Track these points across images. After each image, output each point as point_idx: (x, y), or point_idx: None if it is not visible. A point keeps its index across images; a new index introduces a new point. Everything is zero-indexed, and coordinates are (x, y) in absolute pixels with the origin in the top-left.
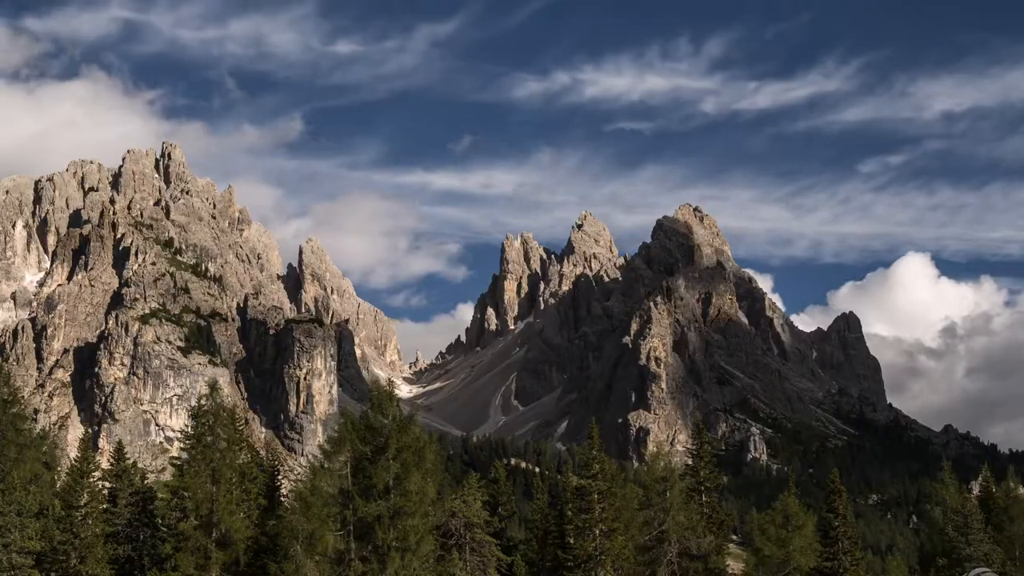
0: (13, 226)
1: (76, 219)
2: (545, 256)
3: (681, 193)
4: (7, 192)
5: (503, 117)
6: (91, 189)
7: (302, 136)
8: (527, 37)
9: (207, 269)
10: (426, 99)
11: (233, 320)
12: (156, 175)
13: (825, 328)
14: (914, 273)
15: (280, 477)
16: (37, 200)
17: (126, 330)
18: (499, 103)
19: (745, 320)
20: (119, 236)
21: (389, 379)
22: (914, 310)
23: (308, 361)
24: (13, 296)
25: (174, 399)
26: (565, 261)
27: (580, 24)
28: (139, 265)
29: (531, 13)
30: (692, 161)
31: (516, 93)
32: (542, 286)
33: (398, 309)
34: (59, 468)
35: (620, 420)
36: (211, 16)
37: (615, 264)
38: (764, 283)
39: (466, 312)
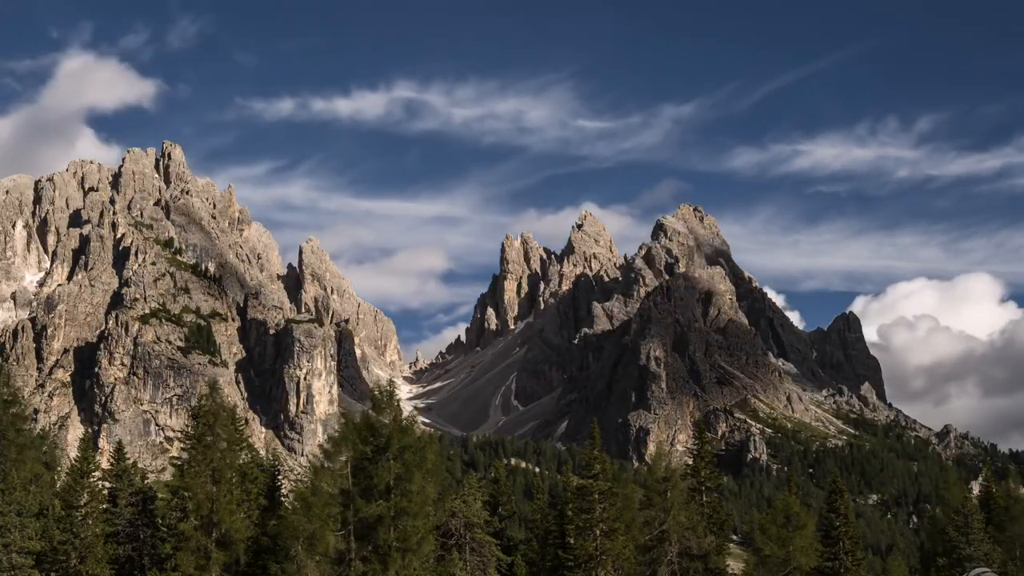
0: (13, 226)
1: (76, 219)
2: (545, 256)
3: (849, 242)
4: (7, 192)
5: (718, 181)
6: (91, 189)
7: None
8: (754, 116)
9: (207, 269)
10: (653, 167)
11: (233, 320)
12: (156, 175)
13: (825, 328)
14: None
15: (280, 477)
16: (37, 200)
17: (126, 330)
18: (719, 171)
19: (745, 320)
20: (119, 236)
21: (390, 379)
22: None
23: (308, 361)
24: (13, 296)
25: (174, 399)
26: (565, 261)
27: (803, 106)
28: (139, 265)
29: (761, 98)
30: (874, 215)
31: (735, 162)
32: (542, 286)
33: None
34: (59, 468)
35: (620, 420)
36: (480, 98)
37: (615, 264)
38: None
39: None
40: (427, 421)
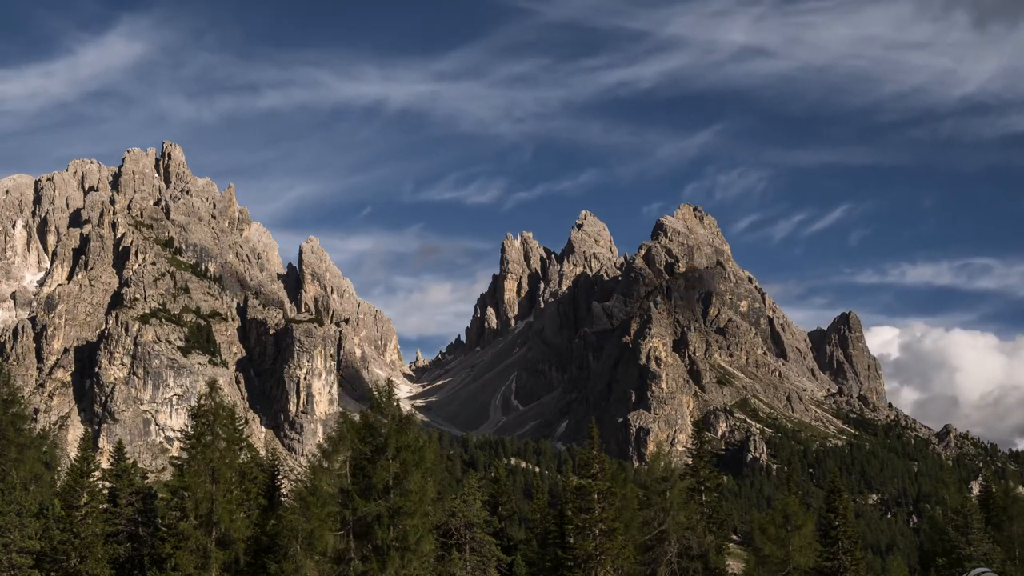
0: (13, 226)
1: (76, 219)
2: (545, 256)
3: None
4: (7, 192)
5: None
6: (91, 189)
7: None
8: None
9: (207, 269)
10: None
11: (233, 320)
12: (156, 175)
13: (825, 328)
14: None
15: (280, 477)
16: (37, 200)
17: (126, 330)
18: None
19: (745, 320)
20: (119, 236)
21: (389, 379)
22: None
23: (308, 361)
24: (13, 296)
25: (174, 399)
26: (565, 261)
27: None
28: (139, 265)
29: None
30: None
31: None
32: (542, 286)
33: None
34: (59, 468)
35: (620, 420)
36: (961, 257)
37: (615, 264)
38: None
39: None
40: (427, 421)
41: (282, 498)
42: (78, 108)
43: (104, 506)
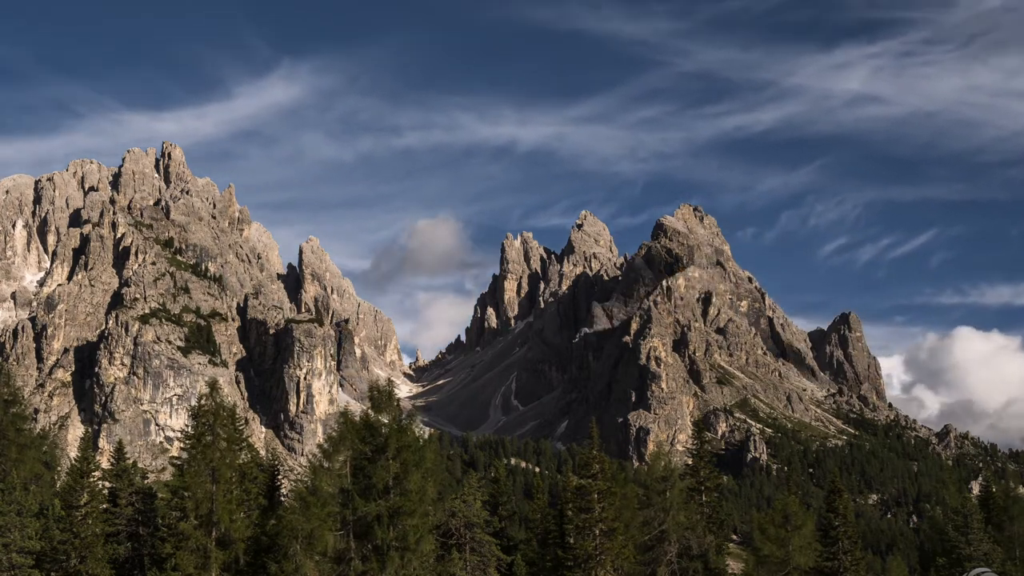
0: (13, 226)
1: (76, 219)
2: (545, 256)
3: None
4: (7, 192)
5: None
6: (91, 189)
7: None
8: None
9: (207, 269)
10: None
11: (233, 320)
12: (156, 175)
13: (825, 328)
14: None
15: (280, 477)
16: (37, 200)
17: (126, 330)
18: None
19: (745, 320)
20: (119, 236)
21: (389, 379)
22: None
23: (308, 361)
24: (13, 296)
25: (174, 399)
26: (565, 261)
27: None
28: (139, 265)
29: None
30: None
31: None
32: (542, 286)
33: None
34: (59, 468)
35: (620, 420)
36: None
37: (615, 264)
38: None
39: None
40: (427, 420)
41: (282, 498)
42: (222, 146)
43: (104, 506)
